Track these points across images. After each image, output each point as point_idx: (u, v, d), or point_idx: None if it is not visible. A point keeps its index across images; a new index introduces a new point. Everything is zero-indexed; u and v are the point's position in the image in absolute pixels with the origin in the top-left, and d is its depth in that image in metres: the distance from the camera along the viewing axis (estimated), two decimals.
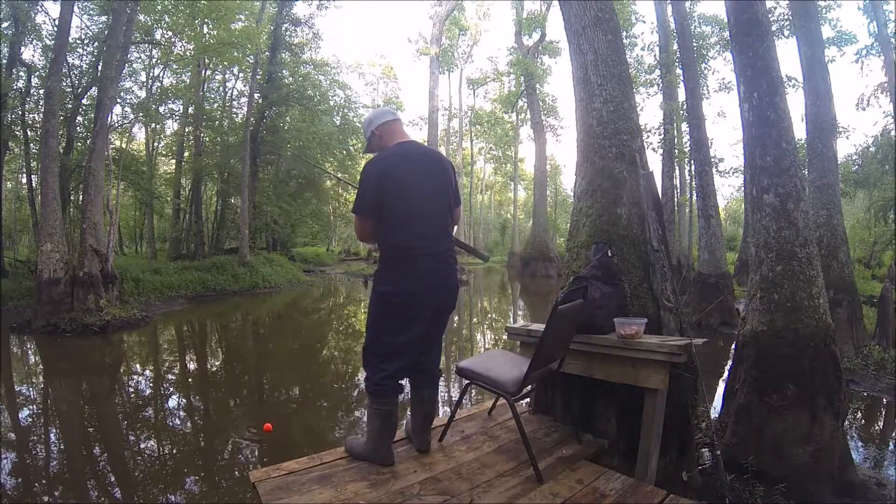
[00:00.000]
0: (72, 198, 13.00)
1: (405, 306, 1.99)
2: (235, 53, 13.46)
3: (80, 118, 13.08)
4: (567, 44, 3.20)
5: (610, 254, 2.56)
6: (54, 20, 11.30)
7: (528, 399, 2.75)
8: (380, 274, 2.07)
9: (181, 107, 17.56)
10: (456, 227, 2.33)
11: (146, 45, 13.35)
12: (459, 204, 2.25)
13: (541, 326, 2.39)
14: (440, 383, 2.39)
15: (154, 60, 14.02)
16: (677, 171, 14.48)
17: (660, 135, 12.98)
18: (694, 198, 13.26)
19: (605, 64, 2.93)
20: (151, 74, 15.05)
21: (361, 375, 5.63)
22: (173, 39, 12.45)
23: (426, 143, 22.92)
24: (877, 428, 4.29)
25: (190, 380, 5.91)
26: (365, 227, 2.05)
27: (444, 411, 4.19)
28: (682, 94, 11.59)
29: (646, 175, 2.75)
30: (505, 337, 6.15)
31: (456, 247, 2.26)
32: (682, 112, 11.74)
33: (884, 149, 14.02)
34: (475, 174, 37.86)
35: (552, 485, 1.96)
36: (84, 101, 13.08)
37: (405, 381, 2.16)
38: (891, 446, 3.84)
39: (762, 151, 3.02)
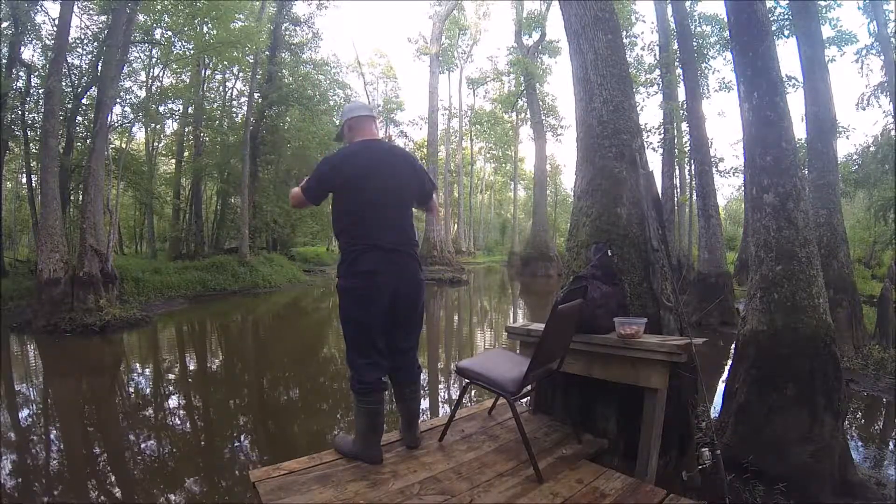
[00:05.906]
0: (72, 198, 12.98)
1: (366, 293, 2.03)
2: (235, 53, 13.46)
3: (80, 118, 13.06)
4: (567, 43, 3.20)
5: (610, 253, 2.56)
6: (54, 20, 11.30)
7: (528, 399, 2.75)
8: (340, 268, 2.11)
9: (181, 106, 17.54)
10: (436, 214, 2.43)
11: (146, 44, 13.34)
12: (431, 194, 2.32)
13: (541, 326, 2.39)
14: (439, 383, 2.39)
15: (154, 60, 13.99)
16: (677, 171, 14.44)
17: (660, 135, 12.95)
18: (694, 198, 13.24)
19: (605, 63, 2.93)
20: (151, 74, 15.01)
21: None
22: (173, 39, 12.43)
23: (426, 143, 23.03)
24: (877, 428, 4.29)
25: (190, 380, 5.91)
26: (297, 201, 2.19)
27: (444, 411, 4.19)
28: (682, 94, 11.56)
29: (646, 175, 2.75)
30: (505, 336, 6.15)
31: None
32: (682, 112, 11.71)
33: (884, 149, 14.00)
34: (475, 174, 37.83)
35: (552, 484, 1.96)
36: (84, 101, 13.07)
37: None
38: (891, 446, 3.84)
39: (762, 151, 3.02)
